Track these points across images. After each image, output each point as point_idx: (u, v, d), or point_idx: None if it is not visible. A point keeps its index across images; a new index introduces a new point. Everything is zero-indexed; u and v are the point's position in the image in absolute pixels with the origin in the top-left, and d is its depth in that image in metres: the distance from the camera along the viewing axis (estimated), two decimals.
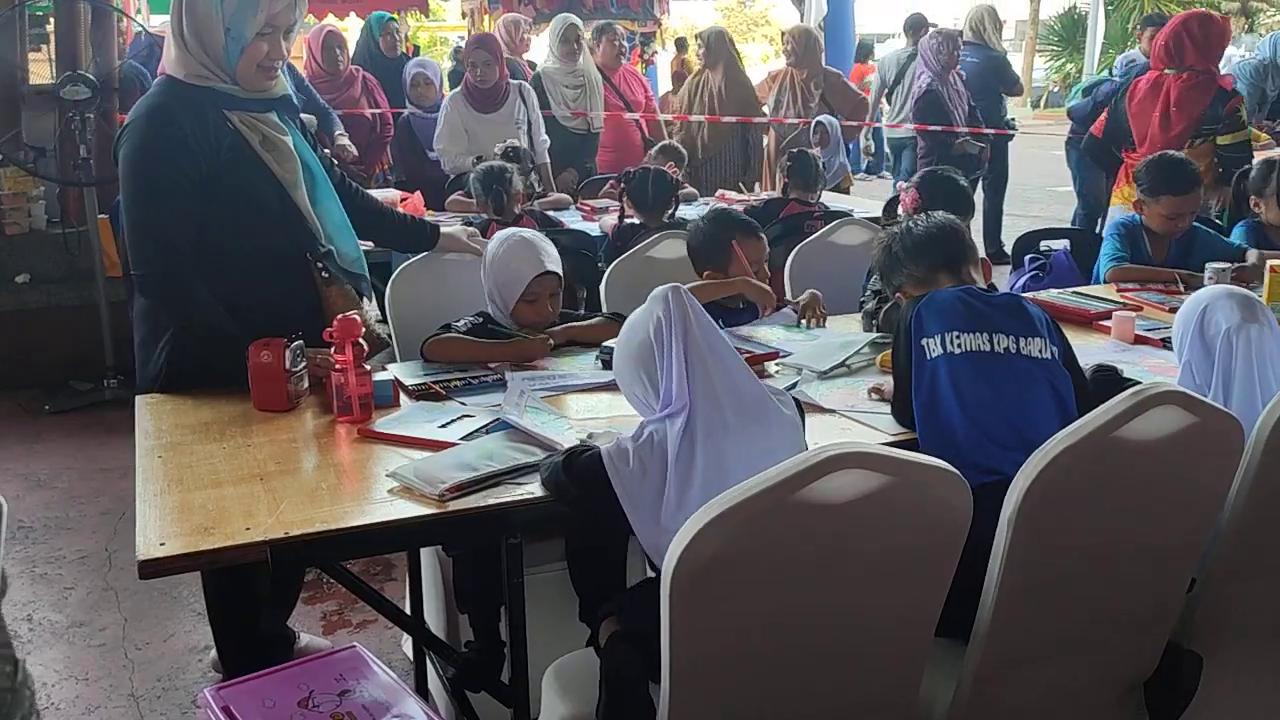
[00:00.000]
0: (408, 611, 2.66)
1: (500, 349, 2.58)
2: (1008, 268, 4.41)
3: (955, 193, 3.21)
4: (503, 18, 7.38)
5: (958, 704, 1.81)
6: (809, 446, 1.81)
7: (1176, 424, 1.74)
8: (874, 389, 2.38)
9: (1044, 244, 4.02)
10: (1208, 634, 2.02)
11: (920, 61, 6.97)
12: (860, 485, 1.52)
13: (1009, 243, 6.61)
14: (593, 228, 4.61)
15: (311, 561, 2.33)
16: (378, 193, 4.16)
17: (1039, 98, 21.97)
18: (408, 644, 2.91)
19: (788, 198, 4.65)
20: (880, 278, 2.56)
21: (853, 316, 3.08)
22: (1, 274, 5.29)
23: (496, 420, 2.18)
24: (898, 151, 8.21)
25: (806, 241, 3.63)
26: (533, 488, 1.90)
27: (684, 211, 4.50)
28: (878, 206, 4.52)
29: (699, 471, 1.71)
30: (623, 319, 2.75)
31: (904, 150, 7.68)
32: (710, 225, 3.10)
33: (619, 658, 1.82)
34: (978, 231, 7.64)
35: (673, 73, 12.35)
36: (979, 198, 7.45)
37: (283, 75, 2.52)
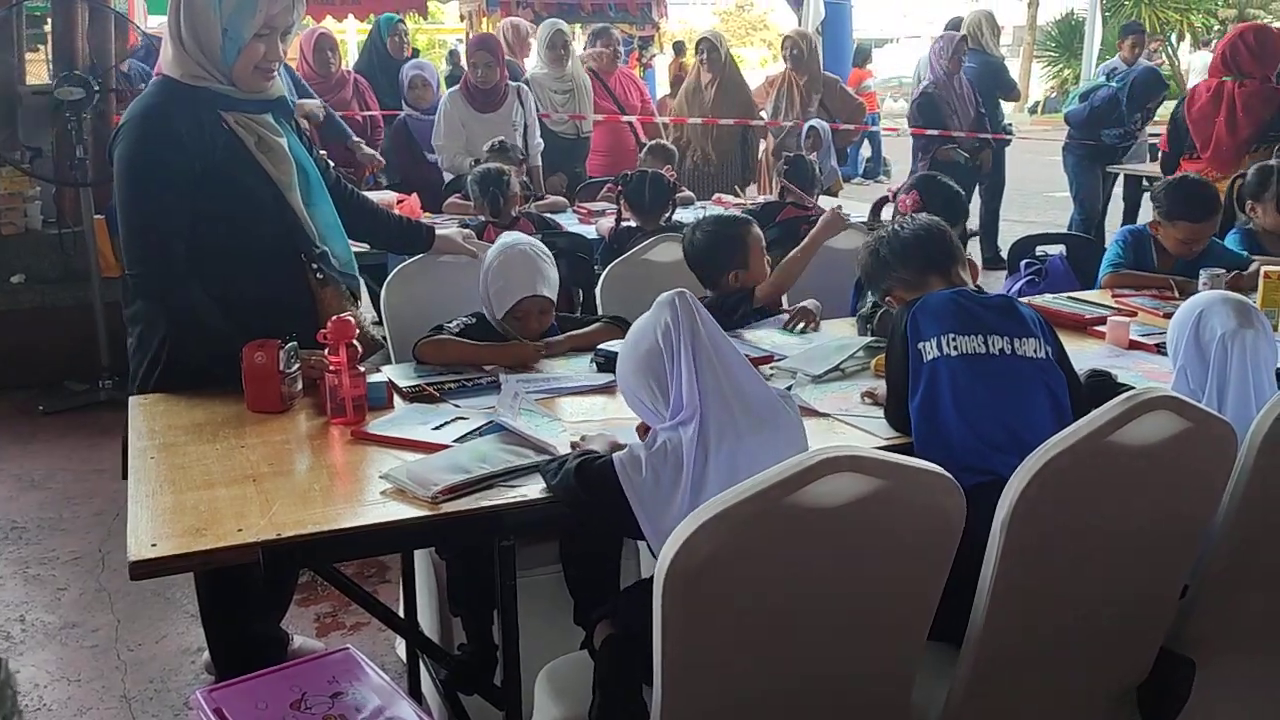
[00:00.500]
0: (401, 614, 2.66)
1: (493, 352, 2.58)
2: (1003, 273, 4.42)
3: (951, 198, 3.22)
4: (505, 20, 7.39)
5: (950, 708, 1.81)
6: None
7: (1170, 429, 1.74)
8: (867, 393, 2.37)
9: (1040, 249, 4.02)
10: (1201, 640, 2.01)
11: (926, 64, 6.99)
12: (853, 489, 1.52)
13: (1005, 247, 6.63)
14: (589, 230, 4.61)
15: (304, 563, 2.32)
16: (373, 194, 4.16)
17: (1036, 103, 22.00)
18: (401, 646, 2.90)
19: (784, 201, 4.65)
20: (867, 283, 2.55)
21: (847, 320, 3.08)
22: None
23: (490, 422, 2.18)
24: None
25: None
26: (526, 490, 1.90)
27: (680, 215, 4.51)
28: None
29: (711, 477, 1.70)
30: (621, 323, 2.78)
31: None
32: (715, 229, 3.06)
33: (613, 660, 1.81)
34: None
35: (671, 76, 12.35)
36: (975, 203, 7.48)
37: (279, 77, 2.52)
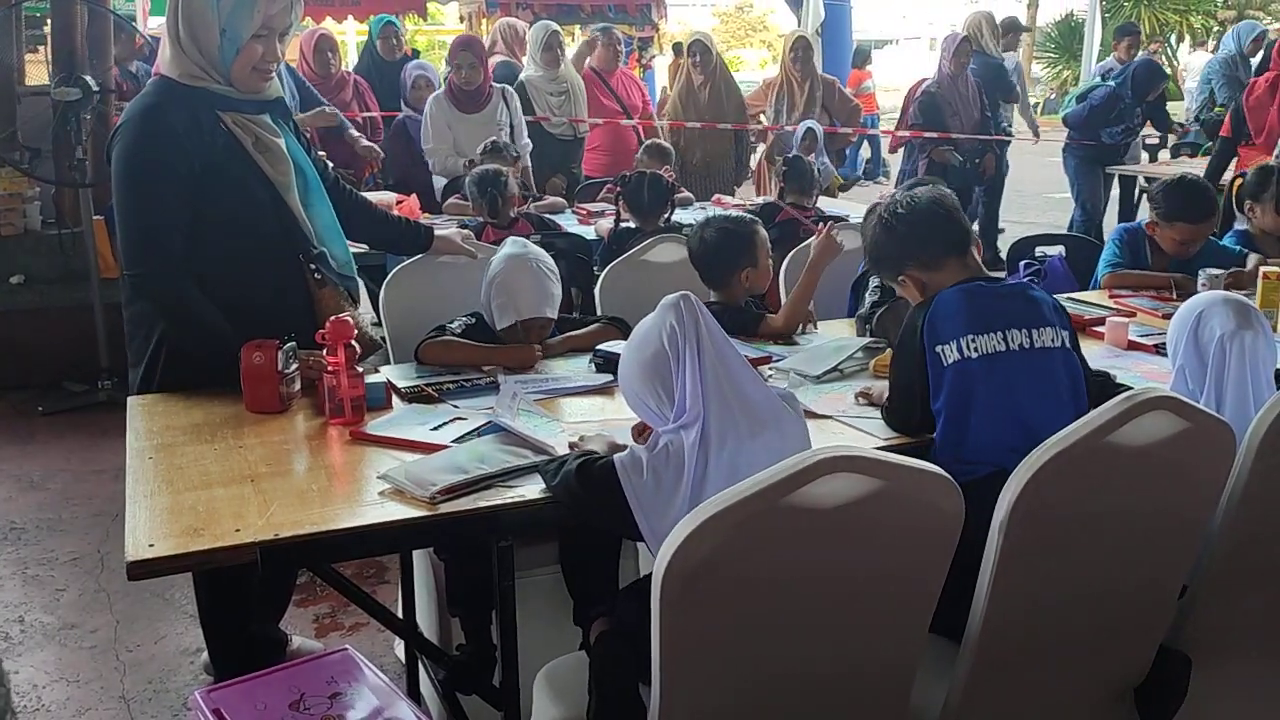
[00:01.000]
0: (400, 614, 2.66)
1: (496, 354, 2.58)
2: (1003, 273, 4.41)
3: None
4: (503, 21, 7.39)
5: (949, 707, 1.81)
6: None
7: (1168, 429, 1.74)
8: (861, 393, 2.37)
9: (1039, 250, 4.01)
10: (1200, 639, 2.01)
11: (937, 63, 7.00)
12: (851, 489, 1.52)
13: (1004, 248, 6.63)
14: (588, 231, 4.61)
15: (301, 563, 2.33)
16: (372, 195, 4.17)
17: (1036, 104, 21.99)
18: (399, 647, 2.90)
19: (784, 202, 4.65)
20: (877, 265, 2.39)
21: (845, 321, 3.08)
22: None
23: (488, 423, 2.18)
24: None
25: (802, 246, 3.63)
26: (524, 491, 1.90)
27: (679, 215, 4.51)
28: None
29: (712, 480, 1.70)
30: (619, 323, 2.78)
31: None
32: (726, 228, 3.00)
33: (607, 655, 1.81)
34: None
35: (670, 77, 12.36)
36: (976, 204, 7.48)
37: (279, 77, 2.52)
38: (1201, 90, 8.55)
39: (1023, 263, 3.94)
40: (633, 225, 4.22)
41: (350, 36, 13.58)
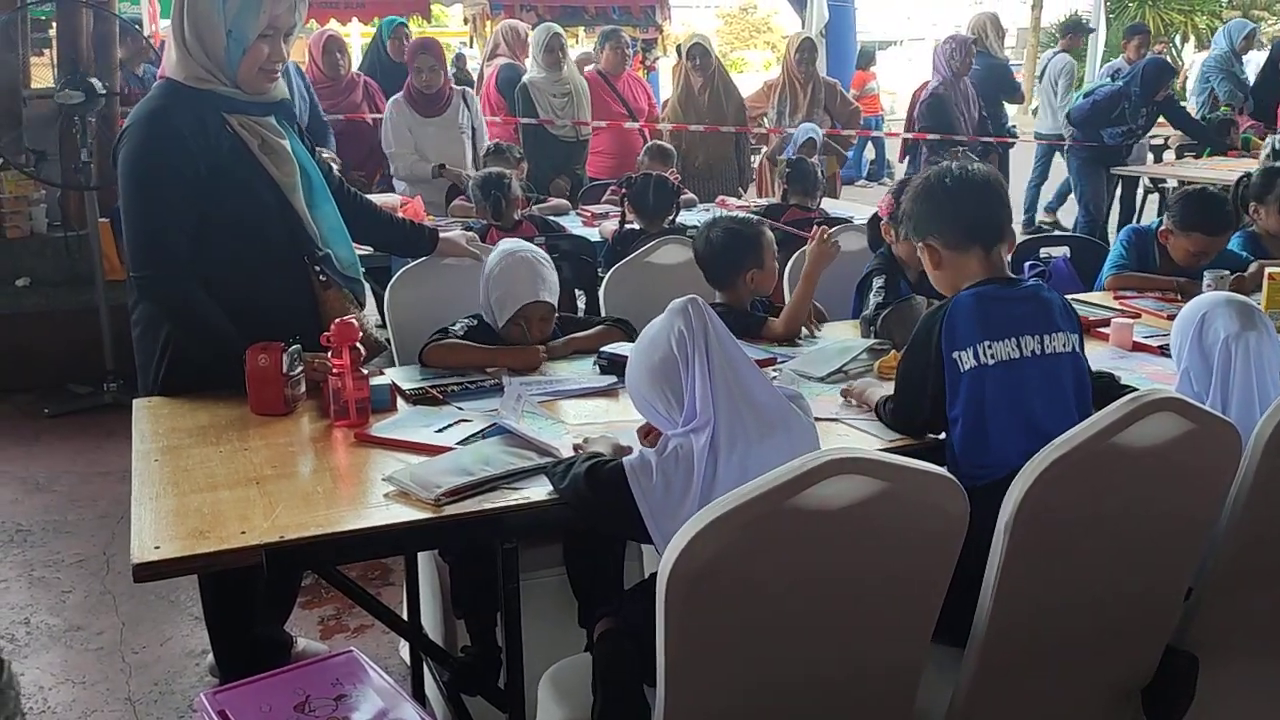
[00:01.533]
0: (405, 617, 2.66)
1: (501, 355, 2.58)
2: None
3: None
4: (505, 23, 7.39)
5: (954, 710, 1.81)
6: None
7: (1174, 431, 1.74)
8: (846, 391, 2.36)
9: (1044, 251, 4.01)
10: (1206, 640, 2.01)
11: (934, 66, 6.98)
12: (856, 491, 1.52)
13: None
14: (593, 233, 4.61)
15: (306, 565, 2.32)
16: (377, 198, 4.17)
17: (1038, 106, 21.97)
18: (405, 649, 2.90)
19: (787, 204, 4.66)
20: (905, 218, 2.28)
21: (850, 322, 3.08)
22: (1, 277, 5.30)
23: (493, 425, 2.18)
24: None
25: (806, 247, 3.62)
26: (529, 493, 1.90)
27: (684, 217, 4.51)
28: None
29: (721, 483, 1.69)
30: (624, 325, 2.78)
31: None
32: (732, 229, 3.02)
33: (612, 653, 1.81)
34: None
35: (674, 79, 12.37)
36: None
37: (285, 78, 2.53)
38: (1201, 90, 8.53)
39: (1027, 264, 3.92)
40: (637, 227, 4.22)
41: (355, 39, 13.59)
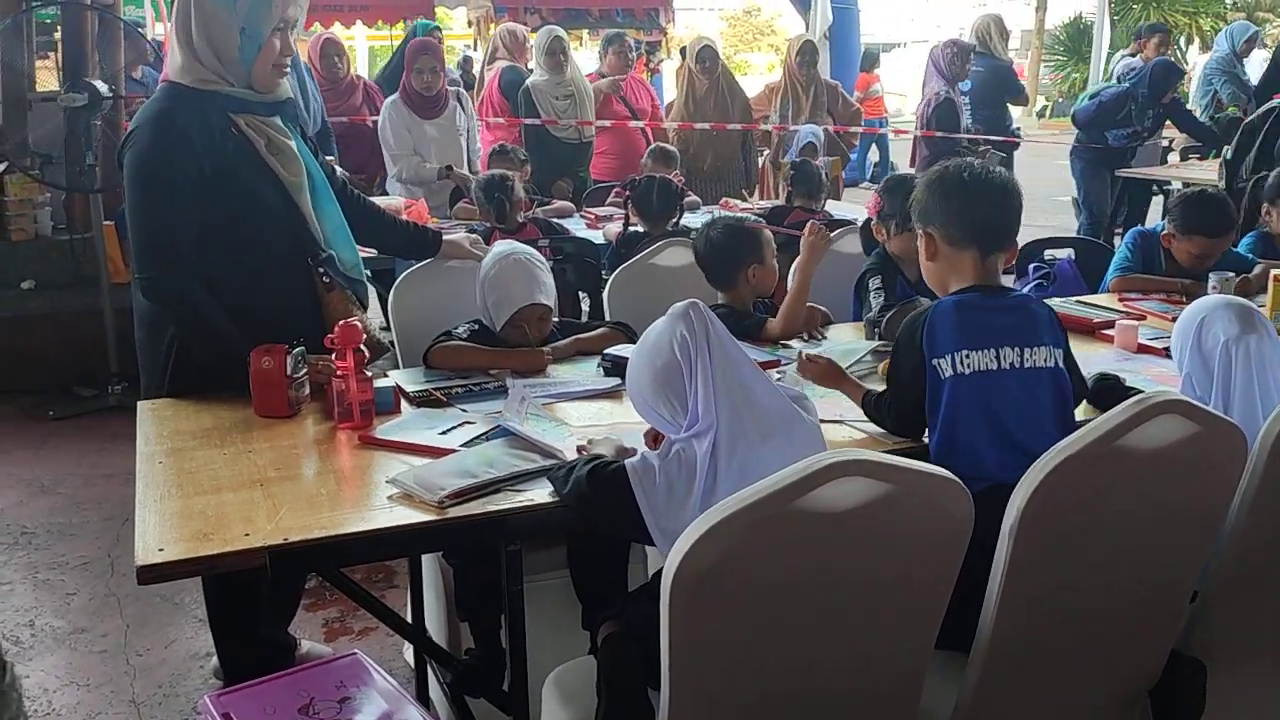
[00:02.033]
0: (409, 619, 2.66)
1: (505, 357, 2.58)
2: (1011, 276, 4.41)
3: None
4: (502, 27, 7.40)
5: (959, 714, 1.80)
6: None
7: (1179, 433, 1.73)
8: (812, 358, 2.42)
9: (1048, 253, 4.01)
10: (1212, 644, 2.00)
11: (931, 69, 6.97)
12: (861, 493, 1.52)
13: None
14: (596, 235, 4.61)
15: (310, 567, 2.33)
16: (381, 200, 4.18)
17: (1044, 107, 21.95)
18: (409, 651, 2.90)
19: (792, 205, 4.65)
20: (913, 202, 2.24)
21: (853, 325, 3.07)
22: (6, 279, 5.30)
23: (497, 427, 2.18)
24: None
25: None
26: (533, 495, 1.90)
27: (687, 219, 4.51)
28: None
29: (722, 487, 1.69)
30: (626, 328, 2.78)
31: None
32: (732, 227, 3.04)
33: (615, 655, 1.81)
34: None
35: (678, 81, 12.38)
36: None
37: (299, 82, 2.54)
38: (1204, 92, 8.51)
39: (1032, 266, 3.93)
40: (641, 229, 4.22)
41: (360, 42, 13.62)
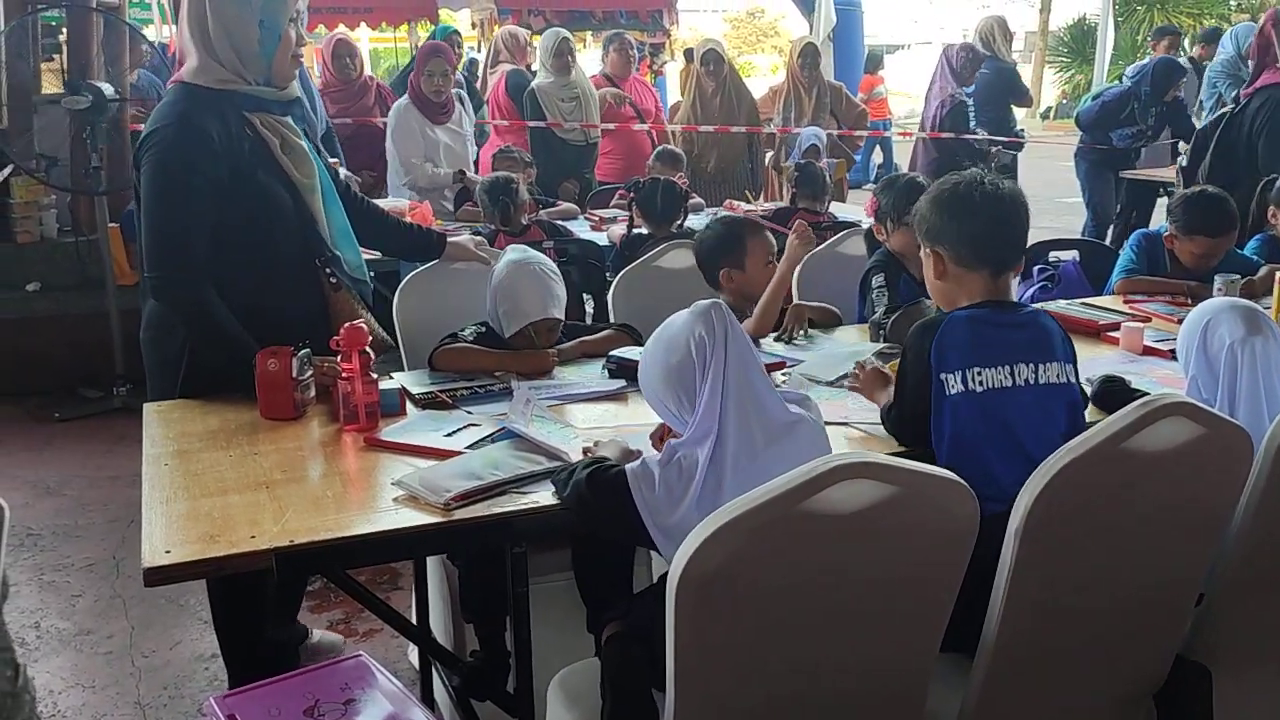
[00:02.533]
0: (413, 621, 2.66)
1: (512, 360, 2.58)
2: (1016, 279, 4.40)
3: (909, 188, 3.06)
4: (504, 29, 7.41)
5: (964, 717, 1.80)
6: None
7: (1184, 435, 1.73)
8: (854, 378, 2.38)
9: (1053, 255, 4.00)
10: (1217, 647, 2.00)
11: (941, 72, 6.97)
12: (866, 495, 1.52)
13: None
14: (601, 237, 4.62)
15: (316, 569, 2.33)
16: (385, 203, 4.19)
17: (1049, 109, 21.94)
18: (413, 653, 2.90)
19: (796, 207, 4.66)
20: (920, 218, 2.18)
21: (858, 327, 3.07)
22: (12, 281, 5.31)
23: (502, 429, 2.18)
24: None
25: (814, 251, 3.62)
26: (538, 497, 1.90)
27: (692, 221, 4.51)
28: None
29: (727, 492, 1.69)
30: (631, 330, 2.78)
31: None
32: (721, 226, 3.09)
33: (620, 657, 1.81)
34: None
35: (682, 83, 12.39)
36: None
37: (303, 85, 2.57)
38: (1209, 95, 8.49)
39: (1036, 268, 3.92)
40: (645, 231, 4.22)
41: (364, 44, 13.63)
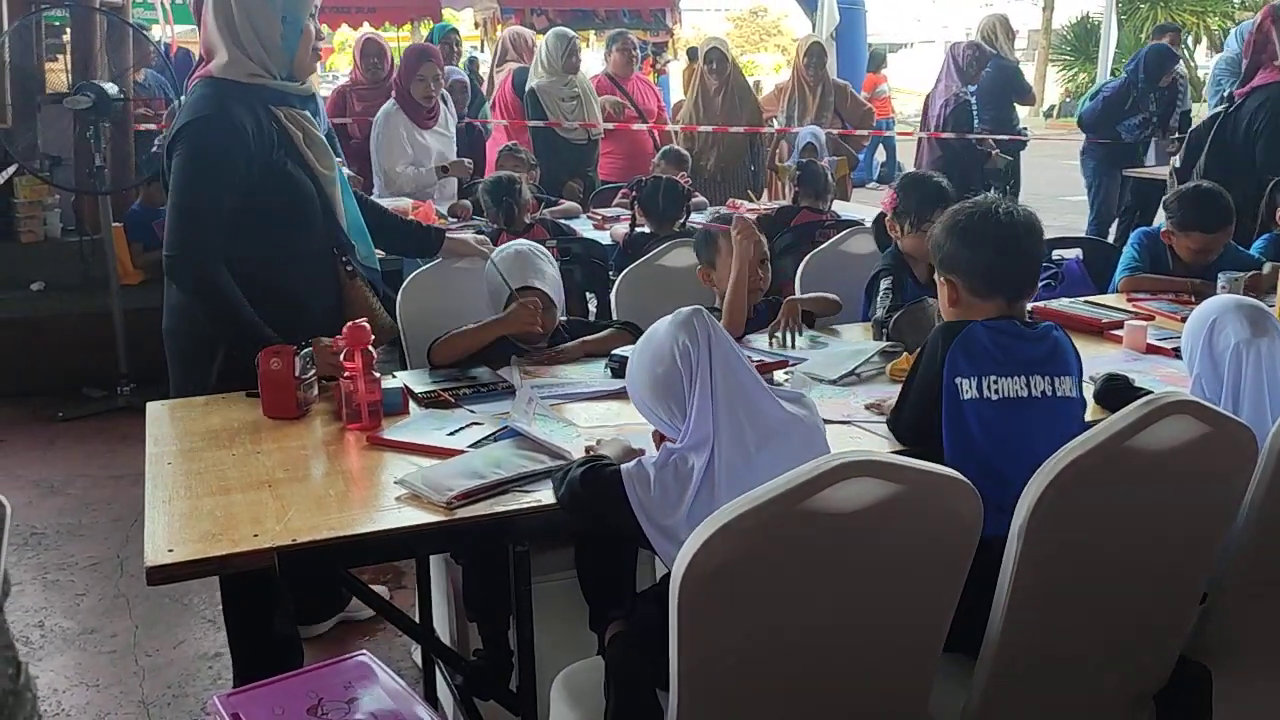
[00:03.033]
0: (417, 620, 2.66)
1: (495, 324, 2.62)
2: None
3: (935, 194, 3.06)
4: (510, 29, 7.41)
5: (967, 717, 1.80)
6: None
7: (1189, 434, 1.73)
8: (872, 405, 2.34)
9: (1056, 253, 4.00)
10: (1220, 647, 2.00)
11: (946, 70, 6.96)
12: (870, 494, 1.51)
13: None
14: (604, 236, 4.62)
15: (319, 568, 2.33)
16: (388, 202, 4.19)
17: (1052, 107, 21.92)
18: (417, 652, 2.91)
19: (799, 206, 4.65)
20: (934, 247, 2.18)
21: (861, 325, 3.07)
22: (16, 281, 5.32)
23: (505, 428, 2.18)
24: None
25: (817, 250, 3.63)
26: (540, 495, 1.90)
27: (695, 220, 4.51)
28: None
29: (723, 493, 1.68)
30: (634, 328, 2.78)
31: None
32: (704, 229, 3.14)
33: (623, 655, 1.81)
34: None
35: (685, 83, 12.40)
36: None
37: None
38: (1214, 92, 8.48)
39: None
40: (648, 230, 4.22)
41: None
